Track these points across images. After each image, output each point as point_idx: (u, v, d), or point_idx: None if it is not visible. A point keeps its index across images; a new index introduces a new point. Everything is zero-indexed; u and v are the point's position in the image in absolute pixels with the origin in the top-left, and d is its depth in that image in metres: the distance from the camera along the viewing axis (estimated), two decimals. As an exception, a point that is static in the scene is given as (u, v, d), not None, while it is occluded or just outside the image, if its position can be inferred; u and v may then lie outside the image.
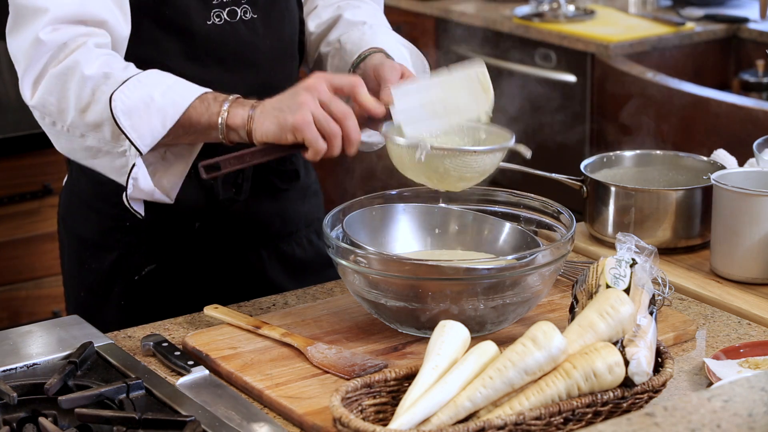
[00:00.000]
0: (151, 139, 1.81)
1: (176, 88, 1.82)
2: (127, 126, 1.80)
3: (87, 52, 1.83)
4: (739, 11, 4.24)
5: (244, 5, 1.99)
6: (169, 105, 1.80)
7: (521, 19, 4.22)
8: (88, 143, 1.86)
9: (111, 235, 2.06)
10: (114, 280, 2.07)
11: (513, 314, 1.78)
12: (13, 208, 3.01)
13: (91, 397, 1.62)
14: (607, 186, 2.13)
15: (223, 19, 1.97)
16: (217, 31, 1.97)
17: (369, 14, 2.13)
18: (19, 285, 3.06)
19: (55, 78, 1.83)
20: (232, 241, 2.08)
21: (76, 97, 1.82)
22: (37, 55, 1.84)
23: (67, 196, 2.14)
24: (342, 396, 1.51)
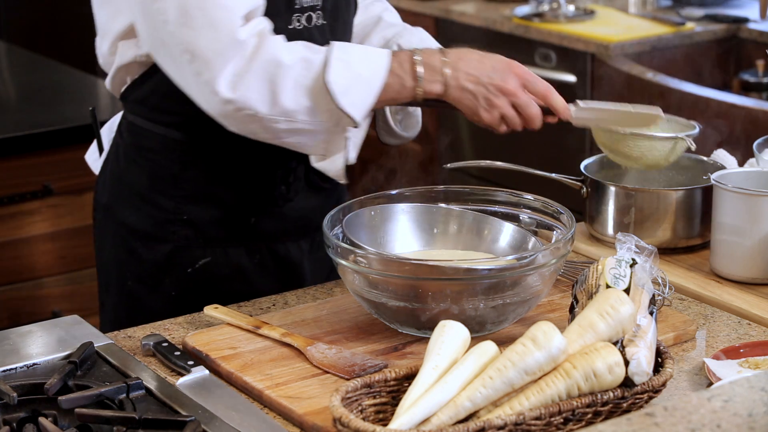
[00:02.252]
0: (366, 110, 1.90)
1: (369, 56, 1.92)
2: (346, 104, 1.87)
3: (276, 43, 1.88)
4: (739, 11, 4.24)
5: (318, 11, 2.02)
6: (373, 74, 1.90)
7: (521, 19, 4.22)
8: (291, 126, 1.90)
9: (166, 227, 2.07)
10: (166, 271, 2.08)
11: (513, 314, 1.78)
12: (13, 208, 3.01)
13: (91, 397, 1.62)
14: (606, 186, 2.13)
15: (302, 24, 2.00)
16: (296, 36, 1.98)
17: (393, 13, 2.25)
18: (19, 285, 3.06)
19: (258, 74, 1.85)
20: (276, 235, 2.09)
21: (281, 88, 1.86)
22: (234, 53, 1.85)
23: (114, 185, 2.13)
24: (342, 396, 1.52)
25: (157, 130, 2.04)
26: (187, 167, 2.03)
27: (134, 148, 2.08)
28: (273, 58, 1.86)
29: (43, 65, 3.63)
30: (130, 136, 2.08)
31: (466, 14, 4.37)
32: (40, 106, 3.23)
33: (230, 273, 2.08)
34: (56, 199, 3.06)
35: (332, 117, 1.89)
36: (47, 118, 3.09)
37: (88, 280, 3.14)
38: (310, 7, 2.01)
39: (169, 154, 2.03)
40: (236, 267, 2.08)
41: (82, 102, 3.34)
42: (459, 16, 4.40)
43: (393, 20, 2.24)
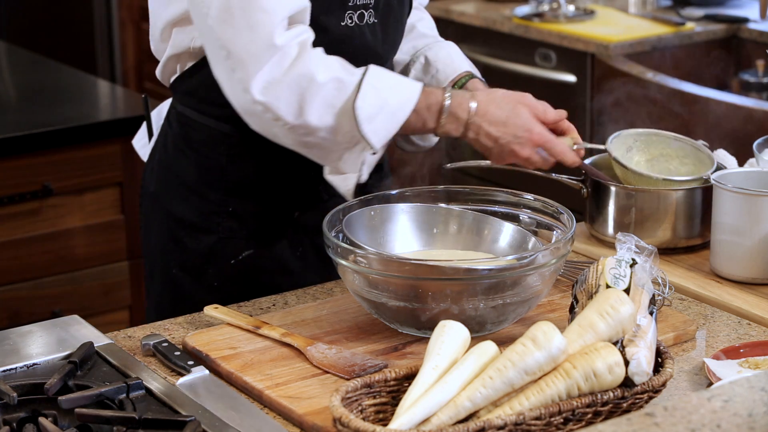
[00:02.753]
0: (386, 138, 1.93)
1: (400, 87, 1.94)
2: (368, 131, 1.90)
3: (314, 58, 1.89)
4: (739, 11, 4.24)
5: (371, 9, 2.03)
6: (399, 107, 1.92)
7: (521, 19, 4.22)
8: (310, 139, 1.92)
9: (211, 218, 2.08)
10: (210, 261, 2.09)
11: (513, 314, 1.78)
12: (13, 208, 3.01)
13: (91, 397, 1.62)
14: (607, 186, 2.12)
15: (354, 22, 2.01)
16: (348, 33, 2.00)
17: (430, 26, 2.28)
18: (19, 285, 3.06)
19: (287, 85, 1.87)
20: (311, 231, 2.10)
21: (308, 103, 1.88)
22: (271, 59, 1.86)
23: (161, 174, 2.14)
24: (342, 396, 1.52)
25: (206, 122, 2.05)
26: (234, 160, 2.05)
27: (182, 139, 2.09)
28: (307, 73, 1.87)
29: (43, 65, 3.62)
30: (178, 127, 2.10)
31: (466, 14, 4.37)
32: (40, 106, 3.23)
33: (273, 266, 2.09)
34: (56, 199, 3.05)
35: (352, 140, 1.91)
36: (47, 118, 3.09)
37: (88, 280, 3.14)
38: (363, 5, 2.02)
39: (217, 147, 2.04)
40: (279, 260, 2.10)
41: (82, 102, 3.34)
42: (459, 16, 4.39)
43: (426, 30, 2.25)
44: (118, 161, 3.11)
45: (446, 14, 4.43)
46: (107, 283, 3.16)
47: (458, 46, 2.25)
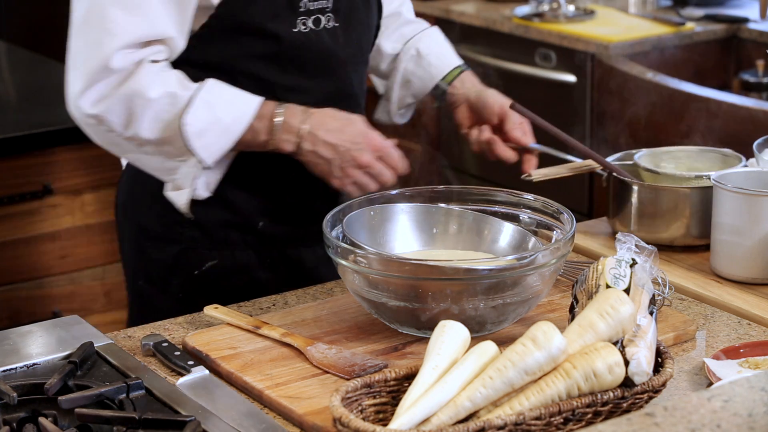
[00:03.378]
0: (219, 154, 1.95)
1: (236, 102, 1.94)
2: (198, 146, 1.92)
3: (149, 74, 1.91)
4: (739, 11, 4.24)
5: (329, 13, 2.02)
6: (233, 122, 1.93)
7: (521, 19, 4.22)
8: (143, 150, 1.96)
9: (174, 228, 2.08)
10: (174, 272, 2.09)
11: (513, 314, 1.78)
12: (13, 208, 3.01)
13: (91, 397, 1.62)
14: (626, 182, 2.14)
15: (309, 27, 2.00)
16: (302, 39, 2.00)
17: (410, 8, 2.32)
18: (19, 285, 3.06)
19: (119, 101, 1.91)
20: (288, 239, 2.09)
21: (139, 118, 1.91)
22: (103, 77, 1.90)
23: (129, 185, 2.16)
24: (342, 396, 1.51)
25: None
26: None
27: None
28: (139, 89, 1.90)
29: (43, 65, 3.62)
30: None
31: (466, 14, 4.37)
32: (40, 106, 3.23)
33: (239, 277, 2.08)
34: (56, 199, 3.05)
35: (183, 155, 1.93)
36: (47, 118, 3.09)
37: (88, 280, 3.14)
38: (318, 10, 2.00)
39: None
40: (245, 271, 2.08)
41: (82, 102, 3.33)
42: (459, 16, 4.39)
43: (411, 16, 2.30)
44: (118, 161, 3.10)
45: (446, 14, 4.43)
46: (107, 283, 3.16)
47: (458, 46, 2.26)
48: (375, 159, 1.96)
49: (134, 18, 1.89)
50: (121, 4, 1.88)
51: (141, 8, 1.89)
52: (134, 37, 1.89)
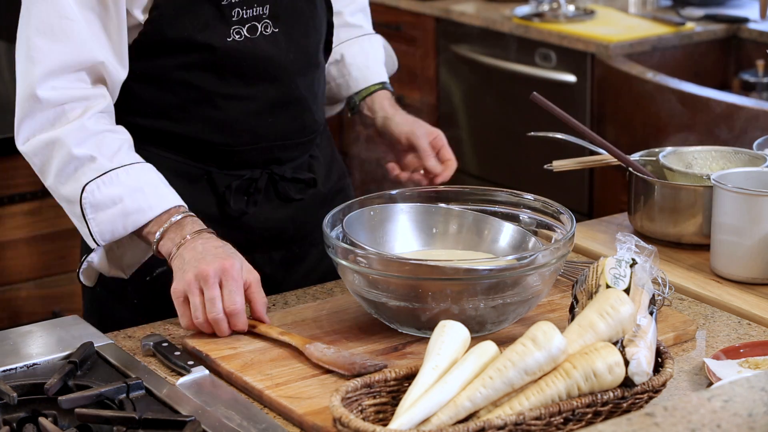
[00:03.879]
0: (110, 236, 1.89)
1: (147, 193, 1.87)
2: (91, 218, 1.88)
3: (81, 129, 1.88)
4: (739, 11, 4.24)
5: (266, 20, 1.99)
6: (135, 211, 1.87)
7: (521, 19, 4.22)
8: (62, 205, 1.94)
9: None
10: (127, 279, 2.07)
11: (513, 314, 1.78)
12: (13, 208, 3.01)
13: (91, 397, 1.62)
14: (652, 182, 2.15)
15: (243, 36, 1.98)
16: (237, 48, 1.97)
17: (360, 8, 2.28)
18: (19, 285, 3.06)
19: (45, 144, 1.89)
20: (243, 246, 2.07)
21: (58, 169, 1.89)
22: (32, 111, 1.88)
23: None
24: (342, 396, 1.51)
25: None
26: None
27: None
28: (64, 143, 1.87)
29: (43, 65, 3.62)
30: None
31: (466, 14, 4.37)
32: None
33: None
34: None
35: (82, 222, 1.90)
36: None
37: (88, 280, 3.14)
38: (254, 17, 1.98)
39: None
40: None
41: (82, 102, 3.33)
42: (459, 16, 4.39)
43: (353, 20, 2.25)
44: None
45: (446, 14, 4.43)
46: (107, 283, 3.16)
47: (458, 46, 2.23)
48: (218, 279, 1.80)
49: (57, 45, 1.86)
50: (44, 33, 1.86)
51: (65, 34, 1.86)
52: (58, 63, 1.86)
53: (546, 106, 2.08)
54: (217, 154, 2.03)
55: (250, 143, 2.03)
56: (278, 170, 2.07)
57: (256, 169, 2.05)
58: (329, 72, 2.22)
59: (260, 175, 2.06)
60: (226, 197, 2.04)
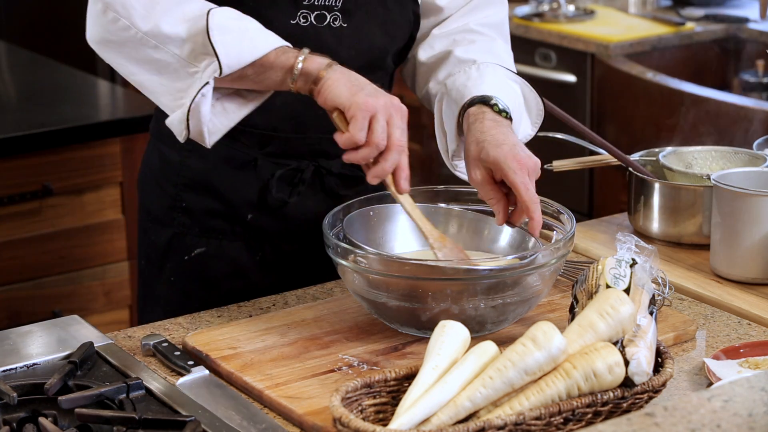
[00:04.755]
0: (236, 61, 1.79)
1: (268, 32, 1.83)
2: (219, 41, 1.78)
3: None
4: (739, 11, 4.24)
5: (336, 12, 1.97)
6: (262, 39, 1.80)
7: (521, 19, 4.22)
8: (159, 56, 1.83)
9: (169, 213, 2.08)
10: (167, 256, 2.09)
11: (513, 314, 1.78)
12: (13, 208, 3.01)
13: (91, 397, 1.62)
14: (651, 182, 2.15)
15: (309, 22, 1.96)
16: (298, 32, 1.94)
17: (482, 50, 2.05)
18: (19, 285, 3.06)
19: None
20: (282, 235, 2.08)
21: (165, 9, 1.81)
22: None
23: (143, 168, 2.17)
24: (342, 396, 1.52)
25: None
26: (190, 155, 2.04)
27: (155, 132, 2.11)
28: None
29: (43, 65, 3.62)
30: (154, 120, 2.11)
31: (466, 14, 4.36)
32: (40, 106, 3.22)
33: (226, 267, 2.08)
34: (56, 199, 3.05)
35: (200, 57, 1.80)
36: (47, 118, 3.09)
37: (88, 280, 3.14)
38: (325, 6, 1.96)
39: (175, 141, 1.98)
40: (234, 262, 2.08)
41: (82, 102, 3.33)
42: (459, 16, 4.39)
43: (466, 55, 2.04)
44: (118, 161, 3.11)
45: (446, 14, 4.42)
46: (107, 283, 3.16)
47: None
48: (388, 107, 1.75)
49: None
50: None
51: None
52: None
53: (546, 106, 2.08)
54: (264, 139, 2.01)
55: (296, 132, 2.02)
56: (325, 164, 2.05)
57: (303, 160, 2.03)
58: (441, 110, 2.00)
59: (306, 167, 2.04)
60: (269, 185, 2.04)
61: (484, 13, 2.10)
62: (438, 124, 2.01)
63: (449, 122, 1.98)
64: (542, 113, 2.05)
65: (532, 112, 2.05)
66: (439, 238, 1.83)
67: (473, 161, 1.83)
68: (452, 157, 2.01)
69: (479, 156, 1.82)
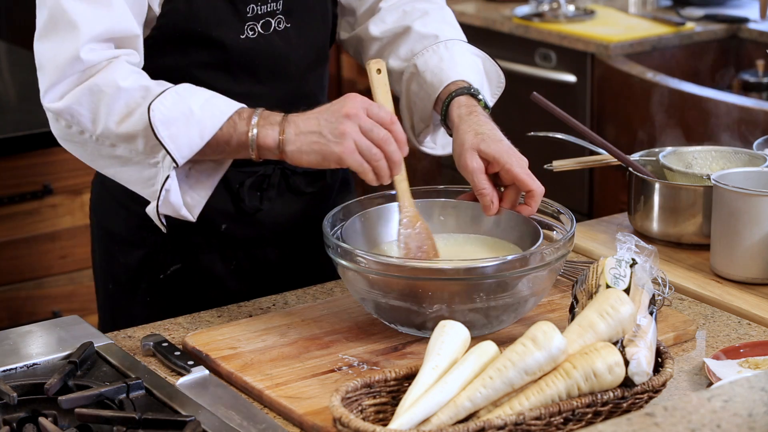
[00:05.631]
0: (188, 150, 1.80)
1: (214, 101, 1.82)
2: (165, 136, 1.79)
3: (121, 67, 1.83)
4: (739, 11, 4.24)
5: (279, 15, 1.97)
6: (208, 117, 1.80)
7: (521, 19, 4.22)
8: (118, 153, 1.85)
9: (138, 232, 2.06)
10: (141, 276, 2.08)
11: (513, 314, 1.78)
12: (13, 208, 3.01)
13: (91, 397, 1.62)
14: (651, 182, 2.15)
15: (257, 32, 1.96)
16: (250, 45, 1.95)
17: (438, 21, 2.11)
18: (19, 285, 3.06)
19: (88, 89, 1.83)
20: (255, 241, 2.07)
21: (109, 108, 1.82)
22: (71, 71, 1.83)
23: (98, 190, 2.14)
24: (342, 396, 1.52)
25: None
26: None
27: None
28: (110, 79, 1.81)
29: (43, 65, 3.62)
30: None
31: (466, 14, 4.37)
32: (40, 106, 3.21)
33: (204, 280, 2.07)
34: (56, 199, 3.05)
35: (153, 151, 1.82)
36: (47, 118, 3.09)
37: (88, 280, 3.13)
38: (268, 13, 1.96)
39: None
40: (210, 274, 2.07)
41: (82, 102, 3.33)
42: (459, 16, 4.36)
43: (426, 30, 2.08)
44: (118, 161, 3.10)
45: (446, 14, 4.42)
46: (107, 283, 3.16)
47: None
48: (363, 110, 1.76)
49: (98, 10, 1.82)
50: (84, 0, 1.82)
51: (103, 1, 1.83)
52: (101, 29, 1.82)
53: (546, 106, 2.08)
54: None
55: None
56: (290, 165, 2.05)
57: (268, 165, 2.03)
58: (410, 89, 2.06)
59: (273, 171, 2.05)
60: (240, 194, 2.04)
61: None
62: (405, 103, 2.07)
63: (422, 103, 2.04)
64: (502, 86, 2.14)
65: (492, 84, 2.13)
66: (412, 218, 1.83)
67: (470, 150, 1.86)
68: (419, 135, 2.08)
69: (478, 146, 1.86)
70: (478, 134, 1.87)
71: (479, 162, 1.85)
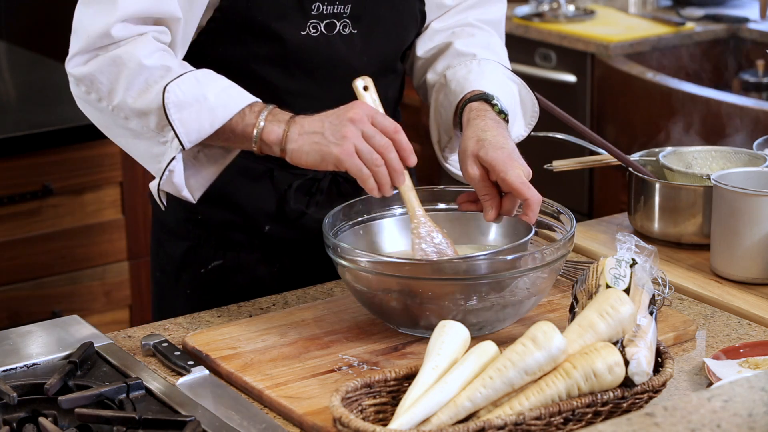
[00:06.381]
0: (197, 135, 1.82)
1: (230, 91, 1.84)
2: (176, 119, 1.81)
3: (147, 44, 1.84)
4: (739, 11, 4.24)
5: (345, 19, 1.96)
6: (221, 106, 1.81)
7: (521, 19, 4.22)
8: (131, 126, 1.87)
9: (184, 225, 2.07)
10: (183, 268, 2.09)
11: (513, 314, 1.78)
12: (13, 208, 3.01)
13: (91, 397, 1.62)
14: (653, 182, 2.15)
15: (320, 31, 1.95)
16: (310, 43, 1.94)
17: (482, 44, 2.08)
18: (19, 285, 3.06)
19: (111, 60, 1.84)
20: (299, 244, 2.06)
21: (128, 82, 1.83)
22: (100, 43, 1.84)
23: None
24: (342, 396, 1.52)
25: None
26: None
27: None
28: (134, 54, 1.82)
29: (43, 65, 3.62)
30: None
31: (466, 14, 4.36)
32: (40, 106, 3.22)
33: (244, 279, 2.07)
34: (56, 199, 3.06)
35: (163, 130, 1.84)
36: (47, 118, 3.09)
37: (88, 280, 3.14)
38: (334, 15, 1.95)
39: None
40: (251, 274, 2.07)
41: (82, 102, 3.33)
42: (459, 16, 4.39)
43: (465, 48, 2.05)
44: (118, 161, 3.11)
45: (446, 14, 4.42)
46: (107, 283, 3.16)
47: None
48: (366, 117, 1.77)
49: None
50: None
51: None
52: (138, 7, 1.83)
53: (546, 106, 2.07)
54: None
55: None
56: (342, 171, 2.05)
57: (316, 171, 2.00)
58: (437, 100, 2.05)
59: (324, 176, 2.04)
60: (287, 196, 2.03)
61: (483, 10, 2.13)
62: (433, 115, 2.05)
63: (445, 113, 2.01)
64: (537, 115, 2.08)
65: (527, 113, 2.07)
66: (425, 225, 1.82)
67: (471, 157, 1.85)
68: (444, 149, 2.05)
69: (477, 153, 1.84)
70: (479, 140, 1.85)
71: (477, 169, 1.84)
